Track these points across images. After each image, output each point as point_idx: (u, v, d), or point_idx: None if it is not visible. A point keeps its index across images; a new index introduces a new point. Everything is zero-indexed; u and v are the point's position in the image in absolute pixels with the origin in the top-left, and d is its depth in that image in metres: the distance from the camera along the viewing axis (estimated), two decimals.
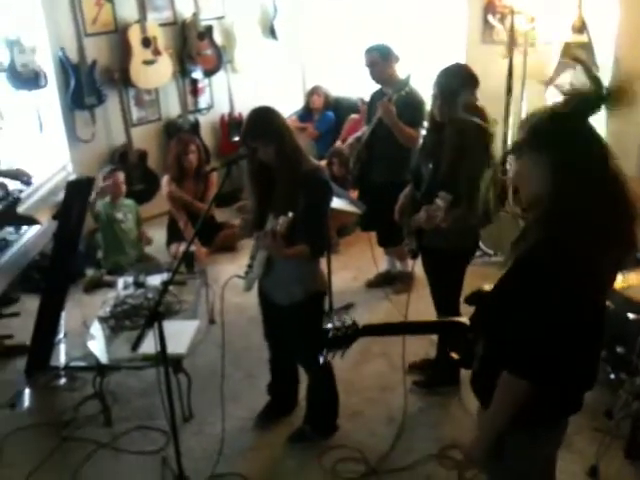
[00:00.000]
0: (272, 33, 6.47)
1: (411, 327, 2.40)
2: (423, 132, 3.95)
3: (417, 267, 3.38)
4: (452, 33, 5.45)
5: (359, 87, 5.90)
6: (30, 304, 4.48)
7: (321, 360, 1.96)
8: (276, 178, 2.77)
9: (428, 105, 3.99)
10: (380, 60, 4.02)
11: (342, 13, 6.31)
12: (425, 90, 4.03)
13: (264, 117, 2.74)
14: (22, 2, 5.02)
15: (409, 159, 4.06)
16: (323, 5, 6.41)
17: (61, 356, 4.04)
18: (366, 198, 4.16)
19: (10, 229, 3.81)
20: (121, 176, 5.06)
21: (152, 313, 2.51)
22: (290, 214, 2.59)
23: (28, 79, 5.06)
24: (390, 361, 3.83)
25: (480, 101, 3.16)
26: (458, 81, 3.04)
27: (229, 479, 3.04)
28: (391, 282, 4.65)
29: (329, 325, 1.93)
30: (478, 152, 3.00)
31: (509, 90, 4.95)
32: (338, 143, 5.76)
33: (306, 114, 6.42)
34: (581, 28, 4.76)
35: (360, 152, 4.19)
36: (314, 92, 6.42)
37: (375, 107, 4.08)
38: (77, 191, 3.66)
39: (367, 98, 4.96)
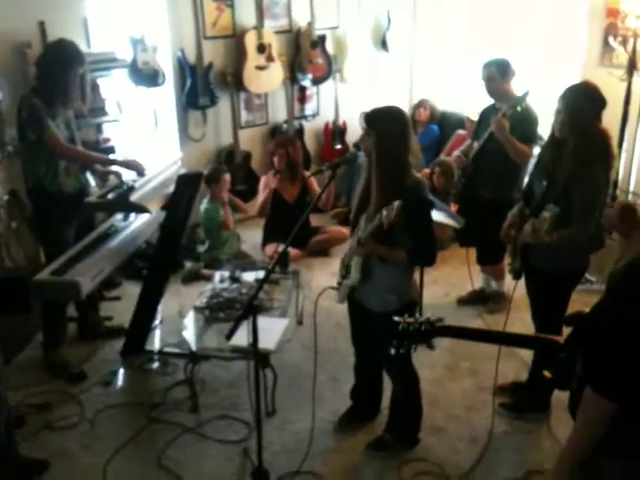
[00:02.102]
0: (383, 45, 6.50)
1: (495, 336, 2.25)
2: (535, 150, 3.86)
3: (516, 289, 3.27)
4: (569, 53, 5.30)
5: (466, 103, 5.83)
6: (131, 289, 4.71)
7: (392, 352, 1.93)
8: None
9: (541, 122, 3.92)
10: (497, 75, 3.95)
11: (455, 28, 6.26)
12: (536, 107, 3.96)
13: (388, 113, 2.73)
14: (148, 3, 5.28)
15: (517, 177, 4.00)
16: (436, 20, 6.39)
17: (156, 341, 4.20)
18: (468, 213, 4.09)
19: (119, 217, 4.02)
20: (227, 177, 5.23)
21: (248, 306, 2.57)
22: (396, 202, 2.48)
23: (148, 76, 5.27)
24: (478, 380, 3.74)
25: None
26: (585, 100, 2.93)
27: (306, 478, 3.06)
28: (484, 301, 4.55)
29: (399, 318, 1.91)
30: (598, 173, 2.90)
31: (625, 115, 4.77)
32: (442, 156, 5.72)
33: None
34: None
35: (467, 166, 4.13)
36: (420, 105, 6.40)
37: (485, 122, 4.03)
38: (187, 184, 3.81)
39: (473, 115, 4.90)
